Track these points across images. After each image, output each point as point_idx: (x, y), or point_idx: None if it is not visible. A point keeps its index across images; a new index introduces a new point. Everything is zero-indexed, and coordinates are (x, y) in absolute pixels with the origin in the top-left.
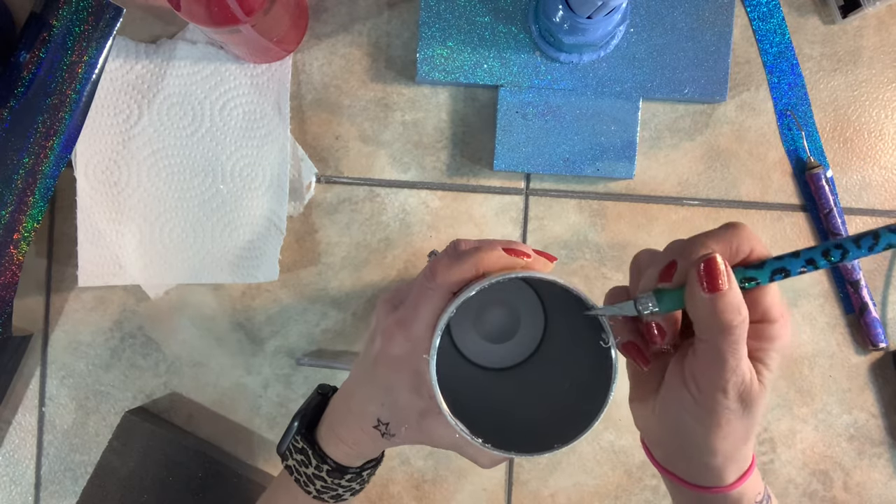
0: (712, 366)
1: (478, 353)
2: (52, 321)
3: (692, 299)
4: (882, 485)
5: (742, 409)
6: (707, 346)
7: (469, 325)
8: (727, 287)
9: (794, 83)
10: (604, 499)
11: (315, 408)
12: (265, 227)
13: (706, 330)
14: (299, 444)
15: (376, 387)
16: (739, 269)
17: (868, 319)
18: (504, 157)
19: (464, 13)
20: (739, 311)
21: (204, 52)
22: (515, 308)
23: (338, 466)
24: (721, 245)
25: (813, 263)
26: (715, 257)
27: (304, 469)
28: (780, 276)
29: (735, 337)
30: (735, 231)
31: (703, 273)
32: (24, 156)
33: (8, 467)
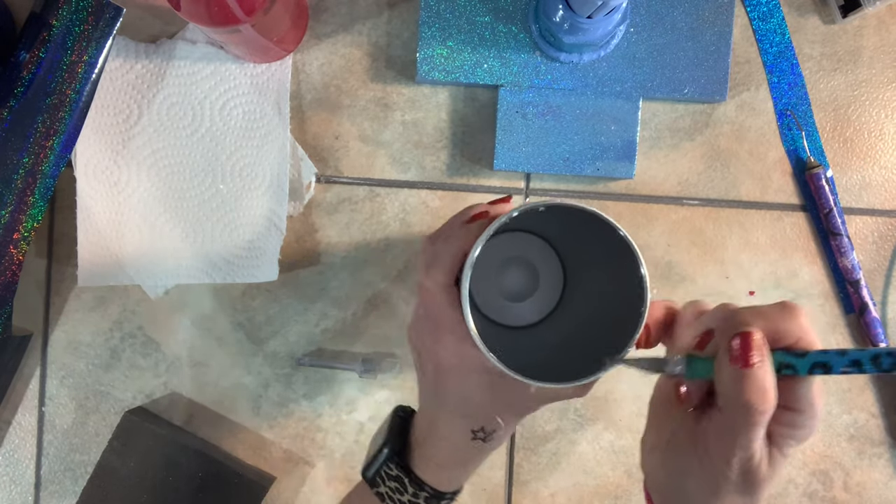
0: (724, 437)
1: (498, 313)
2: (52, 321)
3: (720, 370)
4: (882, 485)
5: (744, 486)
6: (724, 417)
7: (489, 284)
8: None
9: (794, 83)
10: (604, 499)
11: (401, 433)
12: (265, 227)
13: (728, 403)
14: (393, 472)
15: (451, 404)
16: (779, 353)
17: (868, 319)
18: (504, 156)
19: (464, 13)
20: (766, 395)
21: (204, 52)
22: (533, 265)
23: (435, 493)
24: (767, 323)
25: (858, 366)
26: (752, 333)
27: (399, 496)
28: (819, 371)
29: (754, 419)
30: (786, 313)
31: (738, 346)
32: (24, 156)
33: (8, 467)
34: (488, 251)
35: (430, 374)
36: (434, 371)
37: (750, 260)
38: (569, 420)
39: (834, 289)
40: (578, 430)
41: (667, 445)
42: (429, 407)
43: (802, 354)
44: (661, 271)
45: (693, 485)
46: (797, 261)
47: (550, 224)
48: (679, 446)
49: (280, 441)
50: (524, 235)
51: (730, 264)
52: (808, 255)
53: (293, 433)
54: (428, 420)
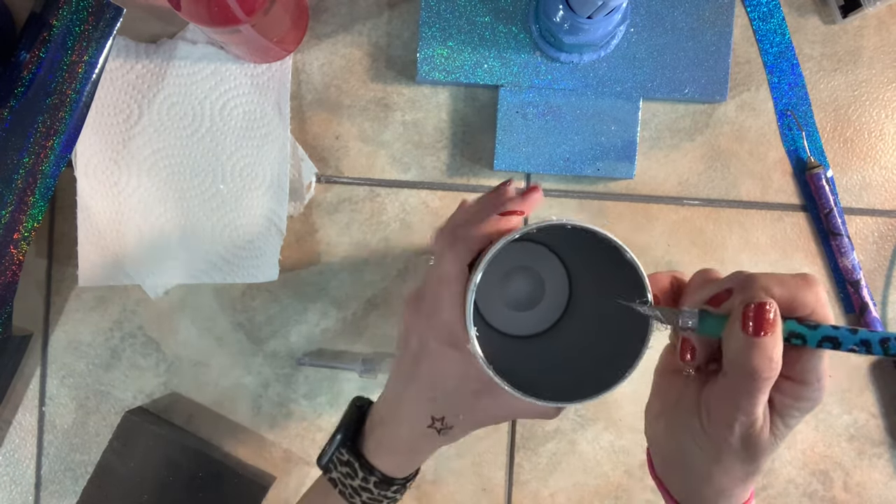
0: (727, 401)
1: (504, 322)
2: (52, 321)
3: (730, 333)
4: (882, 485)
5: (745, 452)
6: (728, 382)
7: (495, 294)
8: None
9: (794, 83)
10: (604, 499)
11: (356, 420)
12: (265, 227)
13: (733, 367)
14: (344, 457)
15: (422, 385)
16: (791, 322)
17: (868, 319)
18: (504, 156)
19: (464, 13)
20: (771, 363)
21: (204, 52)
22: (539, 275)
23: (384, 478)
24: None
25: (867, 346)
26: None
27: (350, 481)
28: (828, 345)
29: (758, 385)
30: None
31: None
32: (24, 156)
33: (8, 467)
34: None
35: (412, 348)
36: (418, 346)
37: (750, 260)
38: (569, 420)
39: (834, 289)
40: (578, 430)
41: (671, 412)
42: (398, 384)
43: (814, 326)
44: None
45: (695, 450)
46: (797, 261)
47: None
48: (683, 412)
49: (280, 441)
50: (531, 245)
51: (730, 264)
52: (808, 255)
53: (293, 433)
54: (391, 399)
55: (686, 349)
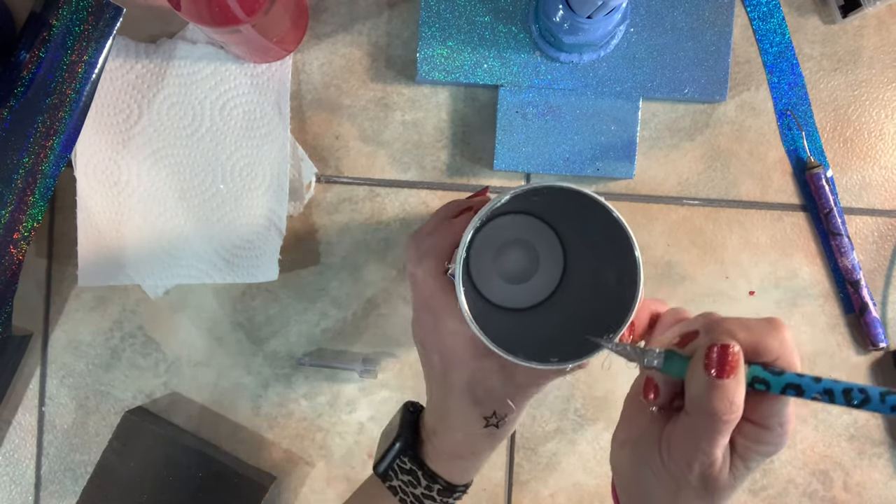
0: (687, 440)
1: (500, 296)
2: (52, 321)
3: (692, 373)
4: (882, 485)
5: (703, 490)
6: (689, 421)
7: (490, 268)
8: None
9: (794, 83)
10: (604, 499)
11: (412, 427)
12: (265, 227)
13: (694, 408)
14: (406, 465)
15: (461, 393)
16: (756, 367)
17: (868, 319)
18: (504, 156)
19: (464, 13)
20: (732, 406)
21: (204, 52)
22: (533, 247)
23: (448, 485)
24: (751, 336)
25: (830, 395)
26: (732, 347)
27: (412, 489)
28: (791, 392)
29: (718, 427)
30: (770, 329)
31: (714, 355)
32: (24, 155)
33: (8, 467)
34: (487, 234)
35: (436, 364)
36: (440, 361)
37: (750, 260)
38: (569, 420)
39: (834, 289)
40: (578, 430)
41: (635, 442)
42: (438, 399)
43: (779, 373)
44: (661, 271)
45: (655, 484)
46: (797, 261)
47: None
48: (646, 444)
49: (280, 441)
50: (524, 218)
51: (730, 264)
52: (808, 255)
53: (293, 433)
54: (438, 412)
55: (649, 388)
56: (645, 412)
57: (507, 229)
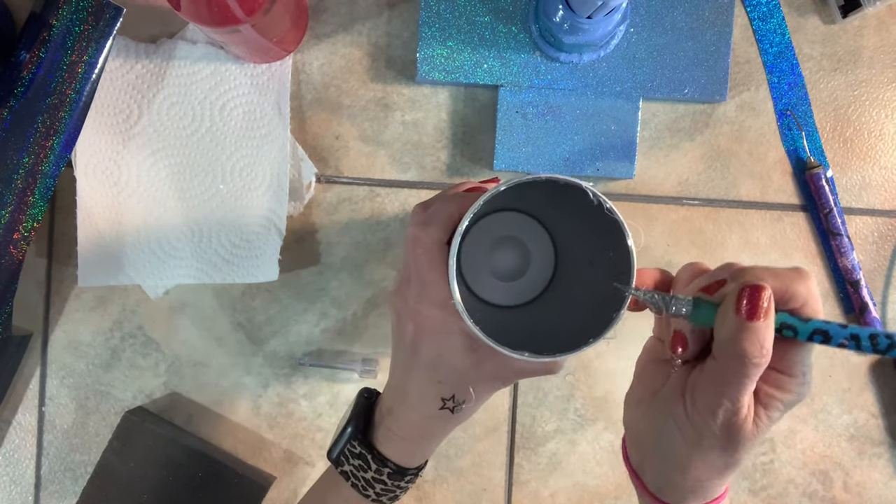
0: (713, 386)
1: (491, 293)
2: (52, 321)
3: (723, 316)
4: (882, 485)
5: (726, 440)
6: (716, 366)
7: (482, 264)
8: (762, 321)
9: (794, 83)
10: (604, 499)
11: (365, 412)
12: (265, 227)
13: (722, 351)
14: (356, 450)
15: (425, 370)
16: (783, 314)
17: (868, 319)
18: (504, 156)
19: (464, 13)
20: (762, 349)
21: (204, 52)
22: (525, 245)
23: (398, 468)
24: (779, 282)
25: (856, 340)
26: (765, 289)
27: (363, 474)
28: (818, 339)
29: (746, 371)
30: (798, 277)
31: (746, 296)
32: (24, 156)
33: (8, 467)
34: (480, 231)
35: (408, 335)
36: (413, 331)
37: (750, 260)
38: (569, 420)
39: (834, 289)
40: (578, 430)
41: (653, 399)
42: (401, 374)
43: (805, 320)
44: None
45: (676, 437)
46: (797, 261)
47: (541, 203)
48: (666, 398)
49: (280, 441)
50: (515, 215)
51: None
52: (807, 255)
53: (293, 433)
54: (397, 389)
55: (678, 341)
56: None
57: (499, 227)
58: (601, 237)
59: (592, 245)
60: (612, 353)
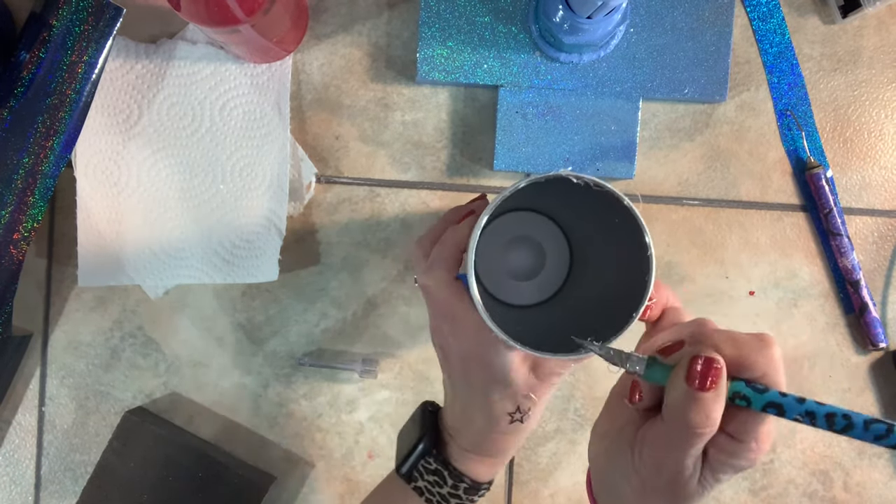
0: (659, 446)
1: (508, 293)
2: (52, 321)
3: (673, 382)
4: (882, 485)
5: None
6: (664, 428)
7: (497, 265)
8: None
9: (794, 83)
10: None
11: (434, 427)
12: (265, 227)
13: (670, 415)
14: (432, 466)
15: (484, 393)
16: (739, 383)
17: (868, 319)
18: (504, 156)
19: (464, 13)
20: (708, 419)
21: (204, 52)
22: (539, 244)
23: (474, 484)
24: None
25: (812, 418)
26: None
27: (438, 489)
28: (773, 411)
29: (691, 439)
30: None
31: (697, 366)
32: (24, 156)
33: (8, 467)
34: (494, 231)
35: (456, 366)
36: (460, 363)
37: (750, 260)
38: (569, 420)
39: (834, 289)
40: (578, 430)
41: (613, 436)
42: (462, 400)
43: (762, 390)
44: (661, 271)
45: (625, 480)
46: (797, 261)
47: (555, 202)
48: (622, 440)
49: (280, 441)
50: (529, 214)
51: (730, 264)
52: (808, 255)
53: (293, 433)
54: (462, 413)
55: (634, 391)
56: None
57: (513, 227)
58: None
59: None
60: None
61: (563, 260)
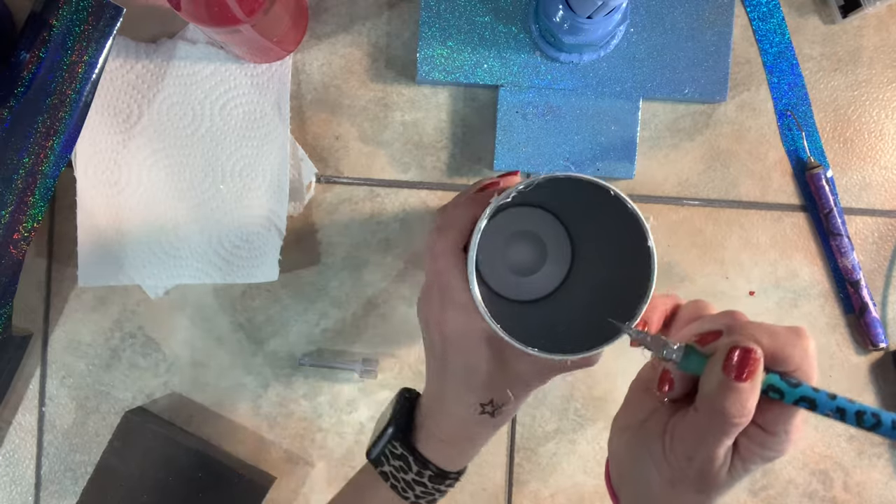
0: (691, 435)
1: (508, 288)
2: (52, 321)
3: (710, 371)
4: (882, 485)
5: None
6: (697, 418)
7: (498, 260)
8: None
9: (794, 83)
10: (604, 499)
11: (406, 412)
12: (265, 227)
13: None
14: (398, 451)
15: (458, 376)
16: (773, 376)
17: (868, 319)
18: (504, 156)
19: (464, 13)
20: (744, 410)
21: (204, 52)
22: (541, 239)
23: (440, 471)
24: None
25: (842, 414)
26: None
27: (403, 475)
28: (805, 405)
29: (725, 429)
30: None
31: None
32: (24, 156)
33: (8, 467)
34: (496, 225)
35: (437, 345)
36: (441, 341)
37: (750, 260)
38: (569, 420)
39: (834, 289)
40: (578, 430)
41: (637, 428)
42: (436, 381)
43: (795, 384)
44: (662, 271)
45: (653, 471)
46: (797, 261)
47: (558, 198)
48: (648, 432)
49: (280, 441)
50: (532, 210)
51: (730, 264)
52: (808, 255)
53: (293, 433)
54: (435, 395)
55: (664, 380)
56: (651, 400)
57: (516, 221)
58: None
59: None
60: (612, 353)
61: (565, 256)
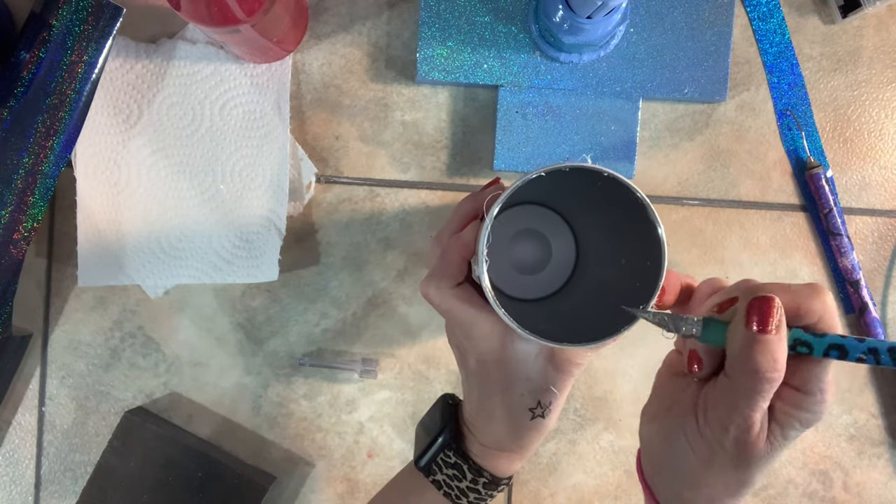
0: (725, 402)
1: (513, 286)
2: (52, 321)
3: (734, 332)
4: (882, 485)
5: (738, 458)
6: (729, 382)
7: (503, 258)
8: (773, 334)
9: (794, 83)
10: (604, 499)
11: (454, 419)
12: (265, 227)
13: (734, 367)
14: (451, 460)
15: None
16: (797, 330)
17: (868, 319)
18: (504, 156)
19: (464, 13)
20: (775, 363)
21: (204, 52)
22: (546, 238)
23: (493, 478)
24: (792, 298)
25: (875, 355)
26: (773, 300)
27: (457, 483)
28: (835, 354)
29: (759, 386)
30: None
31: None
32: (24, 156)
33: (8, 467)
34: (500, 224)
35: (473, 367)
36: (477, 364)
37: (750, 260)
38: (569, 420)
39: (834, 289)
40: (578, 430)
41: (667, 414)
42: (480, 397)
43: (821, 335)
44: None
45: (687, 452)
46: (797, 261)
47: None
48: (679, 413)
49: (280, 441)
50: (534, 208)
51: (730, 264)
52: (808, 255)
53: (293, 433)
54: (480, 409)
55: (693, 360)
56: (678, 384)
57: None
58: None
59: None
60: (612, 352)
61: (570, 253)
